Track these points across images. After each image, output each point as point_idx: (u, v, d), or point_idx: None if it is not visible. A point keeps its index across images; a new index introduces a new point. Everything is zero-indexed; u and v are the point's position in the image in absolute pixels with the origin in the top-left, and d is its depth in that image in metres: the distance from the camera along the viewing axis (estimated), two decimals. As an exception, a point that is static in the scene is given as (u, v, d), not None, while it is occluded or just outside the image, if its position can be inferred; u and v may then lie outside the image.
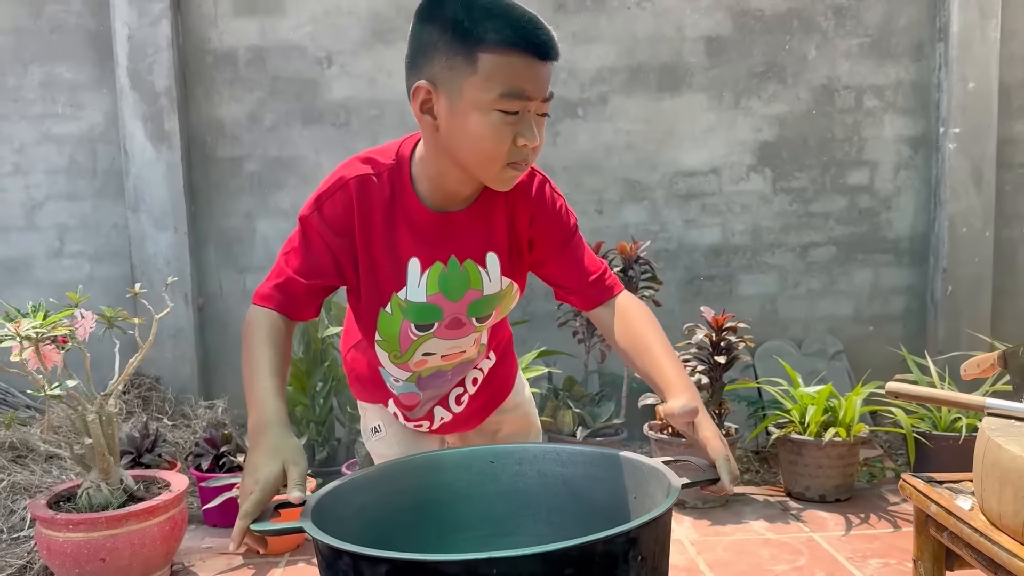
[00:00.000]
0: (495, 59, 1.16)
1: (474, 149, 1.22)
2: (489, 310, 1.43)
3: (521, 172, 1.27)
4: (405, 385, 1.51)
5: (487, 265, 1.37)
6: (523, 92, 1.17)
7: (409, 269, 1.34)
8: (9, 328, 2.06)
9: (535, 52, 1.17)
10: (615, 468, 1.26)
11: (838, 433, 2.88)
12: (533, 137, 1.20)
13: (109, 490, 2.32)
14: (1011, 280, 4.00)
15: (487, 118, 1.19)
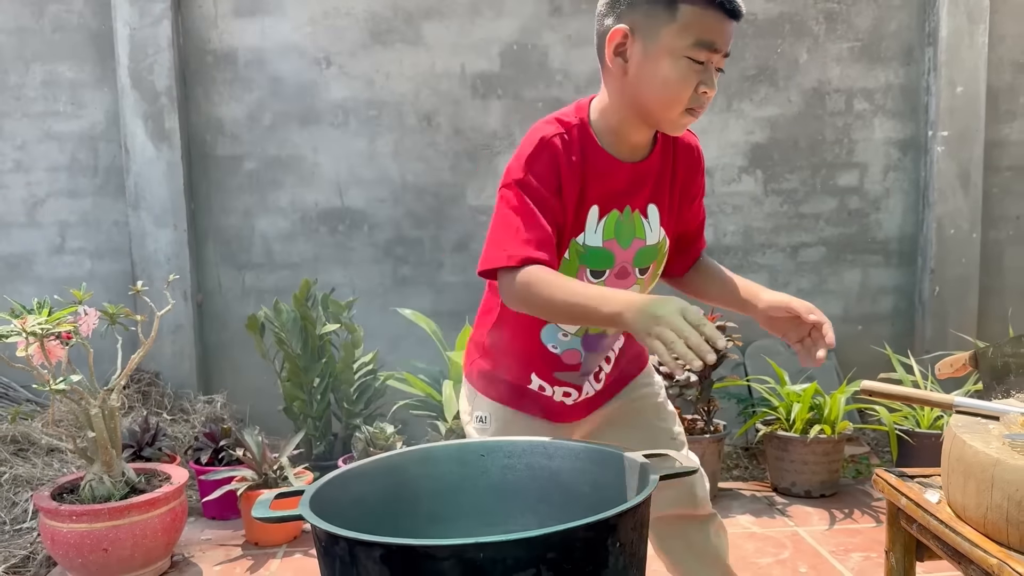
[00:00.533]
0: (694, 11, 1.31)
1: (660, 91, 1.35)
2: (649, 261, 1.52)
3: (695, 118, 1.39)
4: (572, 341, 1.54)
5: (648, 215, 1.48)
6: (713, 44, 1.32)
7: (589, 215, 1.44)
8: (16, 324, 2.11)
9: (728, 10, 1.32)
10: (599, 461, 1.32)
11: (823, 430, 2.95)
12: (713, 86, 1.35)
13: (111, 482, 2.38)
14: (997, 281, 4.07)
15: (677, 63, 1.33)
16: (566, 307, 1.33)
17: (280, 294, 3.75)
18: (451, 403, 3.06)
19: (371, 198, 3.87)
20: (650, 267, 1.53)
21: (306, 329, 3.19)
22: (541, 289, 1.34)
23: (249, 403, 3.81)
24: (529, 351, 1.57)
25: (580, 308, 1.31)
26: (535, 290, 1.34)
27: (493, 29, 3.81)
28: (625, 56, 1.37)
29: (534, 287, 1.34)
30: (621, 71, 1.37)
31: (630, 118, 1.41)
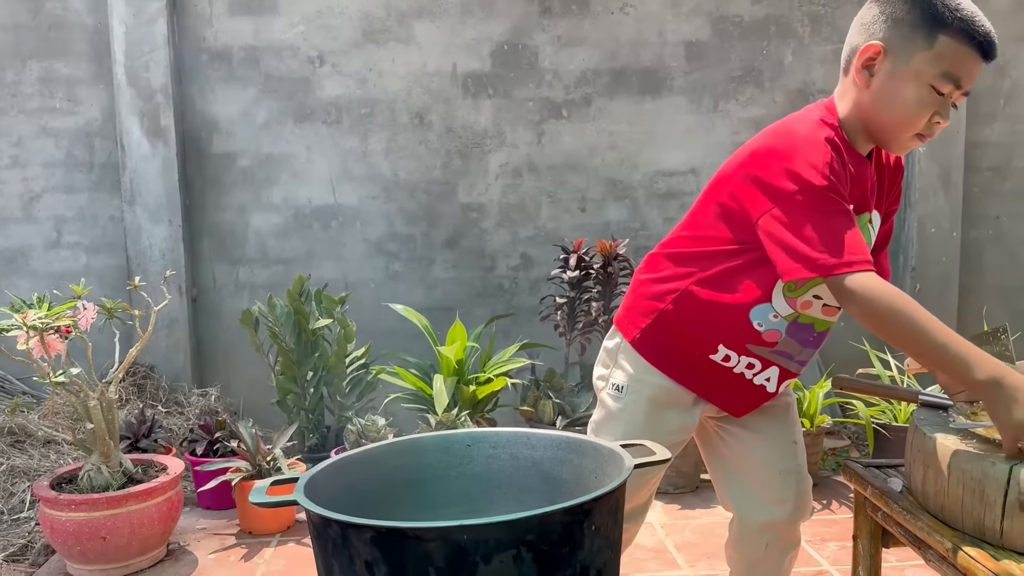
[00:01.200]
0: (951, 44, 1.38)
1: (897, 112, 1.43)
2: None
3: (921, 143, 1.47)
4: (779, 323, 1.55)
5: (873, 221, 1.56)
6: (959, 79, 1.40)
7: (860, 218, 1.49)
8: (16, 319, 2.17)
9: (983, 52, 1.40)
10: (579, 451, 1.39)
11: (802, 423, 3.03)
12: (947, 118, 1.43)
13: (109, 472, 2.45)
14: (977, 279, 4.16)
15: (920, 89, 1.40)
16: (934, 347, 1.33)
17: (273, 289, 3.81)
18: (441, 396, 3.13)
19: (363, 195, 3.93)
20: None
21: (299, 324, 3.25)
22: (913, 316, 1.34)
23: (242, 396, 3.87)
24: (729, 324, 1.57)
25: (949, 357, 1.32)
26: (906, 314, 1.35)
27: (484, 29, 3.88)
28: (872, 71, 1.43)
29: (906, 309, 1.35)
30: (864, 84, 1.44)
31: (860, 130, 1.48)
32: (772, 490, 1.67)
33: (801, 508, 1.70)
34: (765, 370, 1.61)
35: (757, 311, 1.55)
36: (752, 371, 1.61)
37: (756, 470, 1.68)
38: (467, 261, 3.98)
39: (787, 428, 1.70)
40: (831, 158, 1.40)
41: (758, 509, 1.70)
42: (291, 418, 3.28)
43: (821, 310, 1.56)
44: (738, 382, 1.62)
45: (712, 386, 1.64)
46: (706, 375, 1.62)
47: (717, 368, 1.61)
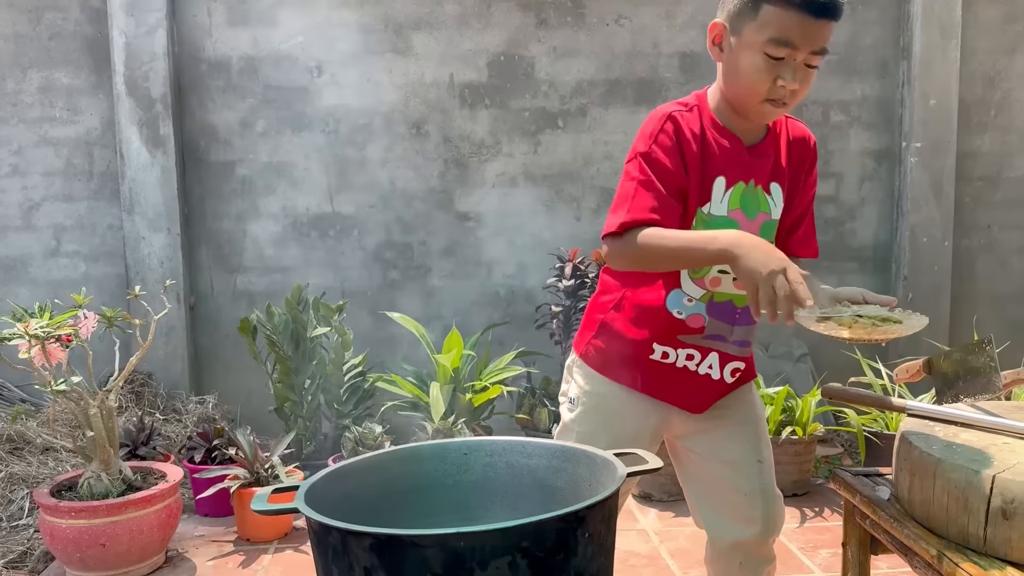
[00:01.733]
0: (773, 10, 1.45)
1: (739, 81, 1.51)
2: (771, 237, 1.62)
3: (779, 108, 1.52)
4: (696, 306, 1.61)
5: (771, 192, 1.61)
6: (789, 41, 1.45)
7: (715, 186, 1.56)
8: (19, 327, 2.20)
9: (808, 10, 1.43)
10: (574, 459, 1.42)
11: (795, 431, 3.07)
12: (791, 80, 1.47)
13: (109, 480, 2.47)
14: (969, 288, 4.20)
15: (753, 57, 1.48)
16: (677, 250, 1.48)
17: (271, 297, 3.84)
18: (438, 404, 3.16)
19: (361, 204, 3.96)
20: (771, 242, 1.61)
21: (297, 332, 3.28)
22: (653, 241, 1.48)
23: (240, 403, 3.90)
24: (655, 320, 1.64)
25: (688, 250, 1.47)
26: (647, 242, 1.48)
27: (481, 40, 3.92)
28: (721, 47, 1.54)
29: (647, 240, 1.48)
30: (717, 60, 1.55)
31: (726, 103, 1.57)
32: (739, 511, 1.69)
33: (770, 527, 1.71)
34: (705, 358, 1.65)
35: (672, 299, 1.62)
36: (693, 362, 1.65)
37: (722, 492, 1.71)
38: (464, 270, 4.01)
39: (752, 448, 1.71)
40: (662, 128, 1.53)
41: (727, 529, 1.72)
42: (288, 426, 3.31)
43: (733, 284, 1.60)
44: (683, 376, 1.66)
45: (661, 385, 1.67)
46: (653, 376, 1.67)
47: (659, 367, 1.66)
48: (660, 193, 1.50)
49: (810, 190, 1.69)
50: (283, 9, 3.84)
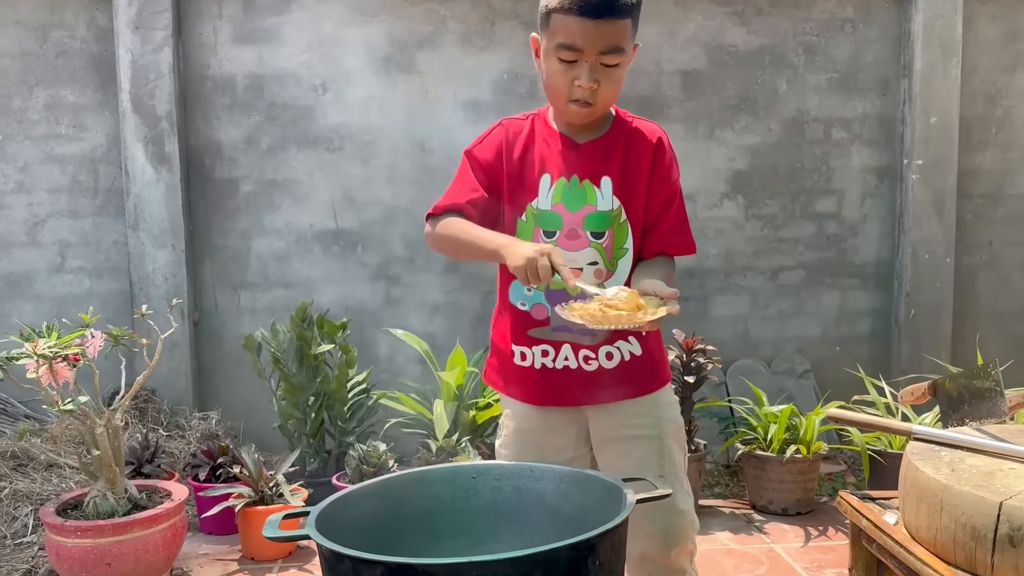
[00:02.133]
0: (558, 18, 1.58)
1: (547, 85, 1.66)
2: (603, 227, 1.70)
3: (583, 109, 1.63)
4: (535, 295, 1.72)
5: (600, 186, 1.69)
6: (573, 44, 1.57)
7: (541, 182, 1.70)
8: (27, 347, 2.21)
9: (585, 13, 1.55)
10: (582, 485, 1.43)
11: (799, 450, 3.07)
12: (587, 80, 1.58)
13: (115, 499, 2.47)
14: (971, 305, 4.21)
15: (552, 63, 1.62)
16: (463, 244, 1.66)
17: (275, 313, 3.85)
18: (442, 421, 3.16)
19: (365, 220, 3.98)
20: (606, 233, 1.70)
21: (302, 349, 3.29)
22: (447, 230, 1.68)
23: (243, 420, 3.90)
24: (508, 317, 1.77)
25: (472, 245, 1.64)
26: (444, 231, 1.68)
27: (484, 59, 3.94)
28: (538, 58, 1.67)
29: (444, 228, 1.68)
30: (539, 70, 1.68)
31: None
32: (639, 524, 1.70)
33: (671, 541, 1.73)
34: (559, 352, 1.72)
35: (513, 290, 1.75)
36: (548, 358, 1.73)
37: None
38: (467, 285, 4.02)
39: (653, 463, 1.73)
40: (490, 132, 1.75)
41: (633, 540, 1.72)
42: (292, 443, 3.31)
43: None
44: (546, 376, 1.74)
45: (536, 390, 1.76)
46: (524, 383, 1.77)
47: (524, 373, 1.76)
48: (472, 184, 1.70)
49: (662, 185, 1.73)
50: (288, 28, 3.87)
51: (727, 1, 4.01)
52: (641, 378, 1.76)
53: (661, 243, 1.74)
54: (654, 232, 1.73)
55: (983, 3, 4.09)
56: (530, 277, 1.50)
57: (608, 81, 1.60)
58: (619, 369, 1.73)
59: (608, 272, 1.71)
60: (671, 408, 1.81)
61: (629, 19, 1.59)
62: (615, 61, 1.59)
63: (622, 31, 1.58)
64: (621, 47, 1.58)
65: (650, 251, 1.74)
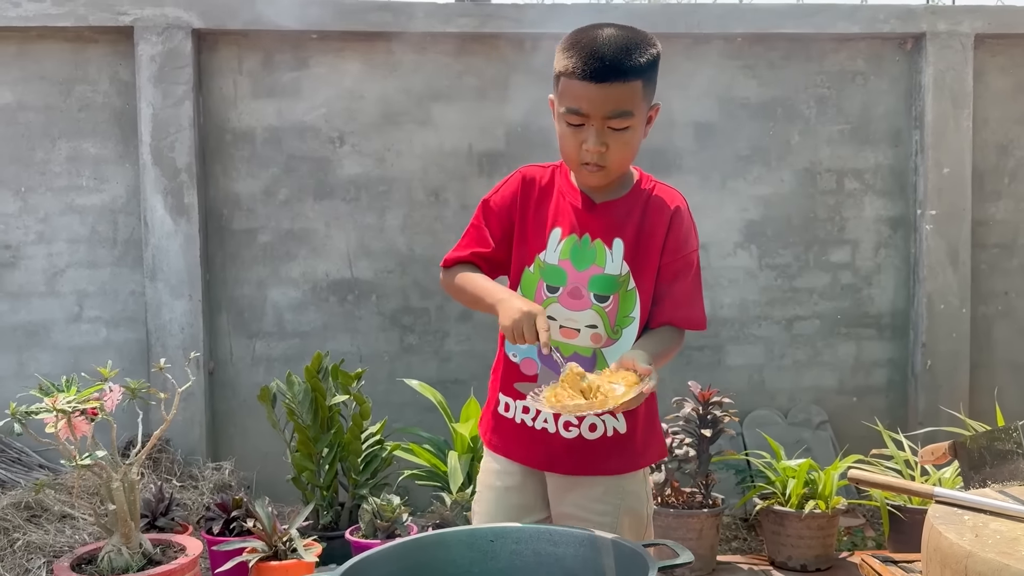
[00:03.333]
0: (565, 82, 1.59)
1: (561, 147, 1.66)
2: (609, 291, 1.68)
3: (595, 172, 1.62)
4: (528, 349, 1.71)
5: (612, 247, 1.68)
6: (579, 110, 1.57)
7: (551, 235, 1.70)
8: (47, 402, 2.22)
9: (588, 77, 1.54)
10: (602, 549, 1.42)
11: (818, 505, 3.04)
12: (592, 144, 1.58)
13: (129, 554, 2.46)
14: (987, 355, 4.19)
15: (561, 126, 1.62)
16: (469, 295, 1.69)
17: (289, 362, 3.86)
18: (456, 474, 3.15)
19: (379, 269, 4.01)
20: (611, 298, 1.67)
21: (316, 401, 3.29)
22: (459, 280, 1.71)
23: (256, 470, 3.89)
24: (501, 366, 1.77)
25: (477, 297, 1.66)
26: (456, 281, 1.72)
27: (499, 111, 4.00)
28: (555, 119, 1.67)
29: (456, 277, 1.72)
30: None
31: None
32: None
33: None
34: (540, 412, 1.70)
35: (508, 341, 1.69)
36: (529, 415, 1.72)
37: None
38: (481, 334, 4.03)
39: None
40: (507, 181, 1.76)
41: None
42: (306, 496, 3.29)
43: (559, 332, 1.67)
44: (522, 431, 1.73)
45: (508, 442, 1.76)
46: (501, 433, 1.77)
47: (504, 423, 1.76)
48: (482, 236, 1.73)
49: (676, 254, 1.69)
50: (307, 82, 3.94)
51: (739, 54, 4.07)
52: (614, 458, 1.70)
53: (669, 314, 1.69)
54: (663, 302, 1.69)
55: (993, 55, 4.13)
56: (515, 336, 1.52)
57: (618, 144, 1.58)
58: (599, 443, 1.68)
59: (609, 339, 1.68)
60: (633, 498, 1.72)
61: (639, 81, 1.55)
62: (623, 125, 1.57)
63: (629, 94, 1.55)
64: (628, 111, 1.55)
65: (657, 321, 1.70)
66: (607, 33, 1.57)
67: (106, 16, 3.78)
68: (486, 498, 1.79)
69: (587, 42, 1.56)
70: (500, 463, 1.78)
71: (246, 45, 3.92)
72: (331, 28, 3.88)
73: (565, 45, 1.60)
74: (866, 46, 4.11)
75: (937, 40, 4.01)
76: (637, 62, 1.55)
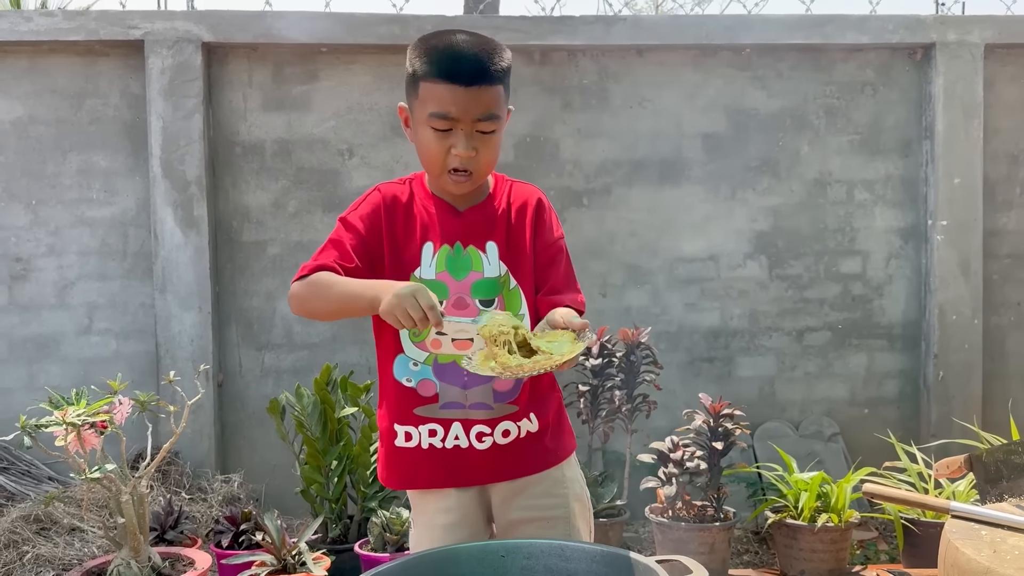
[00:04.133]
0: (426, 86, 1.53)
1: (422, 156, 1.60)
2: (492, 294, 1.64)
3: (464, 178, 1.57)
4: (422, 370, 1.62)
5: (487, 251, 1.64)
6: (447, 114, 1.52)
7: (424, 251, 1.63)
8: (56, 415, 2.22)
9: (457, 80, 1.50)
10: (615, 565, 1.40)
11: (830, 519, 3.01)
12: (461, 148, 1.53)
13: (138, 567, 2.46)
14: (1000, 366, 4.15)
15: (425, 132, 1.56)
16: (339, 297, 1.51)
17: (298, 374, 3.86)
18: (465, 487, 3.13)
19: (388, 282, 4.00)
20: (495, 300, 1.63)
21: (325, 413, 3.28)
22: (320, 286, 1.52)
23: (264, 482, 3.89)
24: (392, 398, 1.65)
25: (350, 295, 1.50)
26: (315, 287, 1.53)
27: (508, 123, 3.98)
28: (408, 127, 1.63)
29: (314, 284, 1.53)
30: (411, 139, 1.63)
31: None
32: None
33: None
34: (448, 431, 1.62)
35: (398, 365, 1.63)
36: (437, 438, 1.63)
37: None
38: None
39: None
40: (365, 198, 1.65)
41: None
42: (315, 509, 3.28)
43: (452, 344, 1.60)
44: (436, 456, 1.63)
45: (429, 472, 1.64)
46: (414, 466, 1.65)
47: (408, 454, 1.64)
48: (345, 250, 1.57)
49: (547, 244, 1.68)
50: (317, 95, 3.95)
51: (747, 65, 4.06)
52: (542, 453, 1.68)
53: (552, 301, 1.65)
54: (544, 291, 1.68)
55: (1003, 65, 4.12)
56: (402, 317, 1.39)
57: (486, 148, 1.55)
58: (515, 446, 1.64)
59: None
60: (576, 484, 1.72)
61: (501, 85, 1.54)
62: (491, 128, 1.54)
63: (495, 97, 1.53)
64: (496, 114, 1.54)
65: (544, 310, 1.64)
66: (463, 38, 1.55)
67: (117, 30, 3.80)
68: (424, 541, 1.66)
69: (447, 46, 1.53)
70: (433, 498, 1.66)
71: (256, 58, 3.93)
72: (340, 41, 3.89)
73: (423, 50, 1.55)
74: (875, 56, 4.10)
75: (947, 50, 4.00)
76: (500, 66, 1.54)
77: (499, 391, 1.64)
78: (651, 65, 4.04)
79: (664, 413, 3.69)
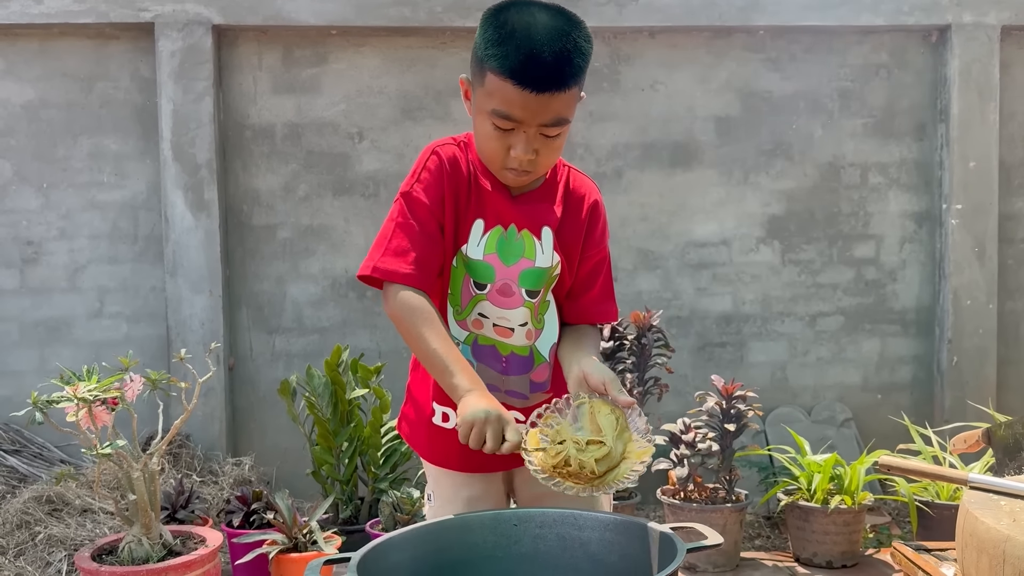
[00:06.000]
0: (495, 80, 1.37)
1: (481, 144, 1.47)
2: (539, 284, 1.54)
3: (520, 177, 1.47)
4: (462, 350, 1.54)
5: (542, 238, 1.53)
6: (511, 116, 1.38)
7: (473, 228, 1.51)
8: (68, 391, 2.22)
9: (527, 85, 1.35)
10: (628, 532, 1.39)
11: (843, 501, 2.99)
12: (521, 152, 1.41)
13: (149, 544, 2.46)
14: (1015, 351, 4.12)
15: (486, 124, 1.42)
16: (423, 355, 1.45)
17: (309, 358, 3.85)
18: (476, 469, 3.12)
19: (399, 266, 3.99)
20: (539, 292, 1.55)
21: (336, 394, 3.28)
22: (411, 324, 1.44)
23: (275, 465, 3.89)
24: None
25: (431, 364, 1.43)
26: (406, 323, 1.45)
27: (518, 106, 3.97)
28: (470, 103, 1.48)
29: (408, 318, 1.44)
30: (470, 114, 1.49)
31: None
32: None
33: None
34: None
35: None
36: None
37: None
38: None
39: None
40: (424, 165, 1.49)
41: None
42: (326, 489, 3.28)
43: (493, 330, 1.55)
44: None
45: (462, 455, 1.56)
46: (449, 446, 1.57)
47: (444, 434, 1.59)
48: (416, 237, 1.46)
49: (597, 249, 1.60)
50: (326, 78, 3.94)
51: (760, 47, 4.03)
52: None
53: (589, 311, 1.60)
54: (582, 298, 1.60)
55: (1020, 47, 4.07)
56: (473, 440, 1.33)
57: (548, 150, 1.43)
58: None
59: (536, 330, 1.58)
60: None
61: (577, 86, 1.40)
62: (557, 132, 1.42)
63: (568, 102, 1.39)
64: (566, 118, 1.41)
65: (574, 317, 1.60)
66: (543, 27, 1.37)
67: (127, 12, 3.79)
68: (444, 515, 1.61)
69: (523, 37, 1.36)
70: (449, 478, 1.64)
71: (266, 41, 3.92)
72: (350, 23, 3.87)
73: (496, 34, 1.38)
74: (890, 39, 4.06)
75: (962, 32, 3.95)
76: (579, 66, 1.39)
77: (536, 381, 1.61)
78: (663, 47, 4.01)
79: (675, 398, 3.67)
